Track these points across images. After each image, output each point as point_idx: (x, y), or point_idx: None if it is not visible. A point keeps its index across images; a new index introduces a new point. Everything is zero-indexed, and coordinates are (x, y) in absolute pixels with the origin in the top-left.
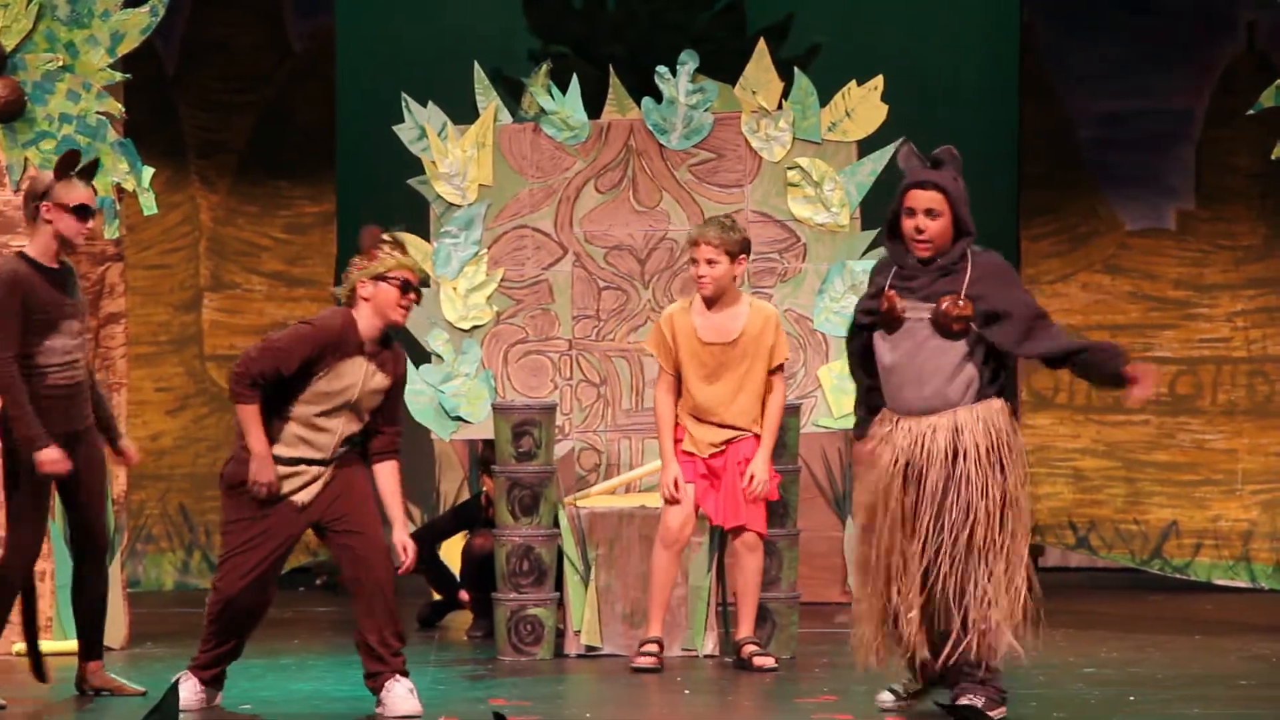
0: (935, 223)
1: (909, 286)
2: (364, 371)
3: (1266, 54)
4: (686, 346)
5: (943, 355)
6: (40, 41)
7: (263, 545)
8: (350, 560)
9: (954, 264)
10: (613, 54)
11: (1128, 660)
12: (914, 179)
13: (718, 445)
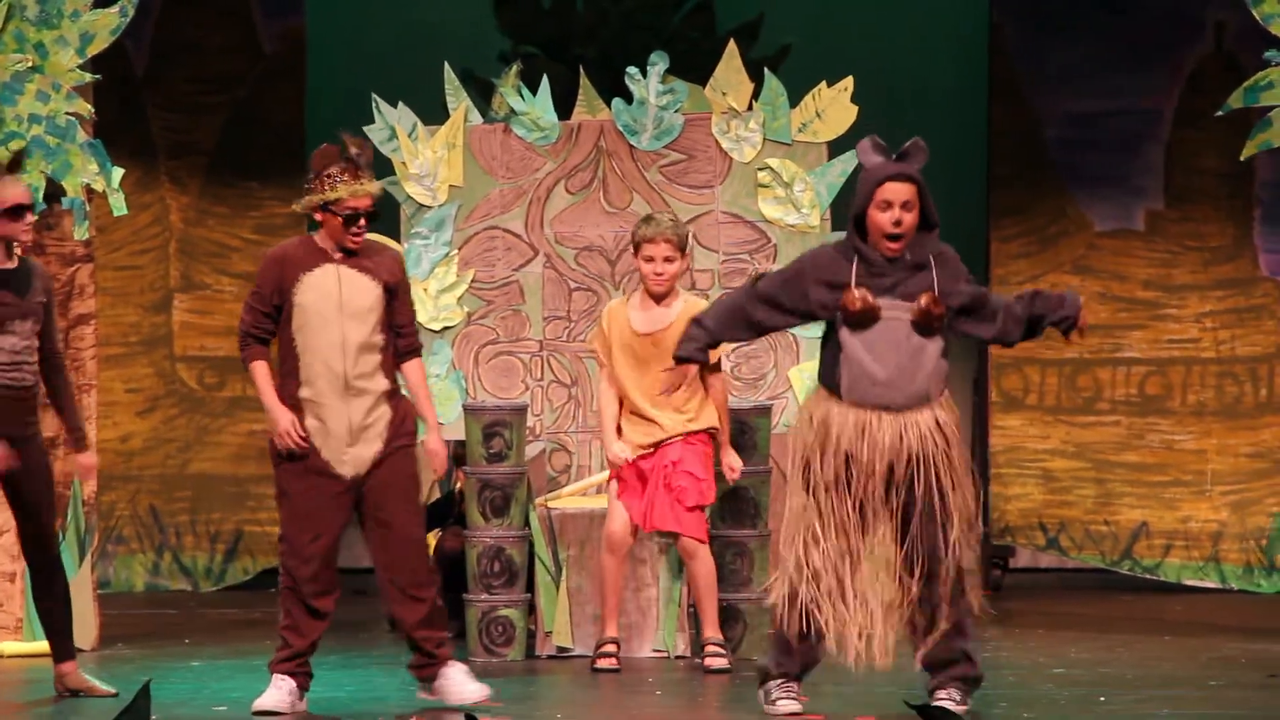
0: (910, 215)
1: (880, 284)
2: (336, 277)
3: (1234, 55)
4: (619, 338)
5: (923, 353)
6: (9, 42)
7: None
8: (378, 550)
9: (925, 260)
10: (583, 55)
11: (1098, 661)
12: (890, 171)
13: (646, 447)
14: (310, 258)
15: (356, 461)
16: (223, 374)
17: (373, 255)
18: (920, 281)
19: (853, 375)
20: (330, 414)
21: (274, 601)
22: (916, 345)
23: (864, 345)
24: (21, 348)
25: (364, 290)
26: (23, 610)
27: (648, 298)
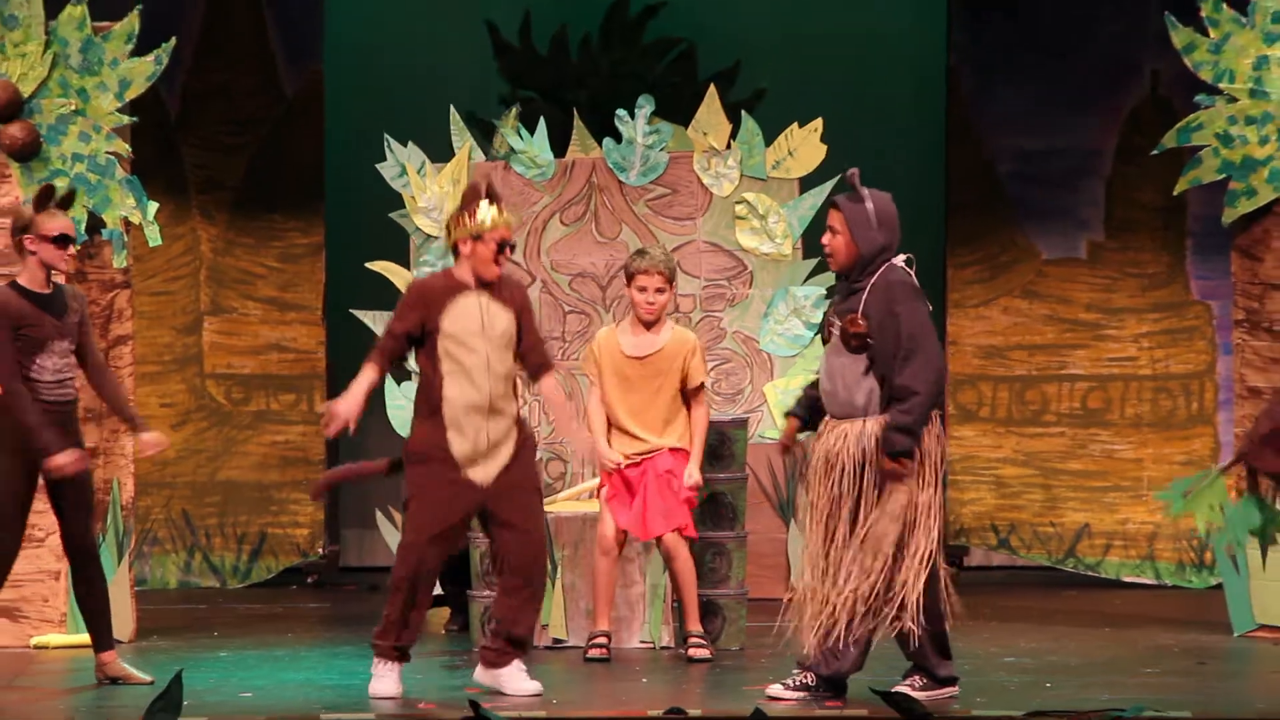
0: (834, 239)
1: (836, 304)
2: (479, 305)
3: (1168, 99)
4: (610, 361)
5: (849, 368)
6: (55, 88)
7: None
8: (507, 551)
9: (858, 284)
10: (576, 99)
11: (1044, 650)
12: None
13: (632, 458)
14: (451, 289)
15: (486, 473)
16: (248, 390)
17: (506, 286)
18: (852, 304)
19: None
20: (470, 429)
21: (294, 597)
22: (845, 361)
23: (824, 357)
24: (62, 365)
25: (499, 316)
26: (66, 606)
27: (639, 324)
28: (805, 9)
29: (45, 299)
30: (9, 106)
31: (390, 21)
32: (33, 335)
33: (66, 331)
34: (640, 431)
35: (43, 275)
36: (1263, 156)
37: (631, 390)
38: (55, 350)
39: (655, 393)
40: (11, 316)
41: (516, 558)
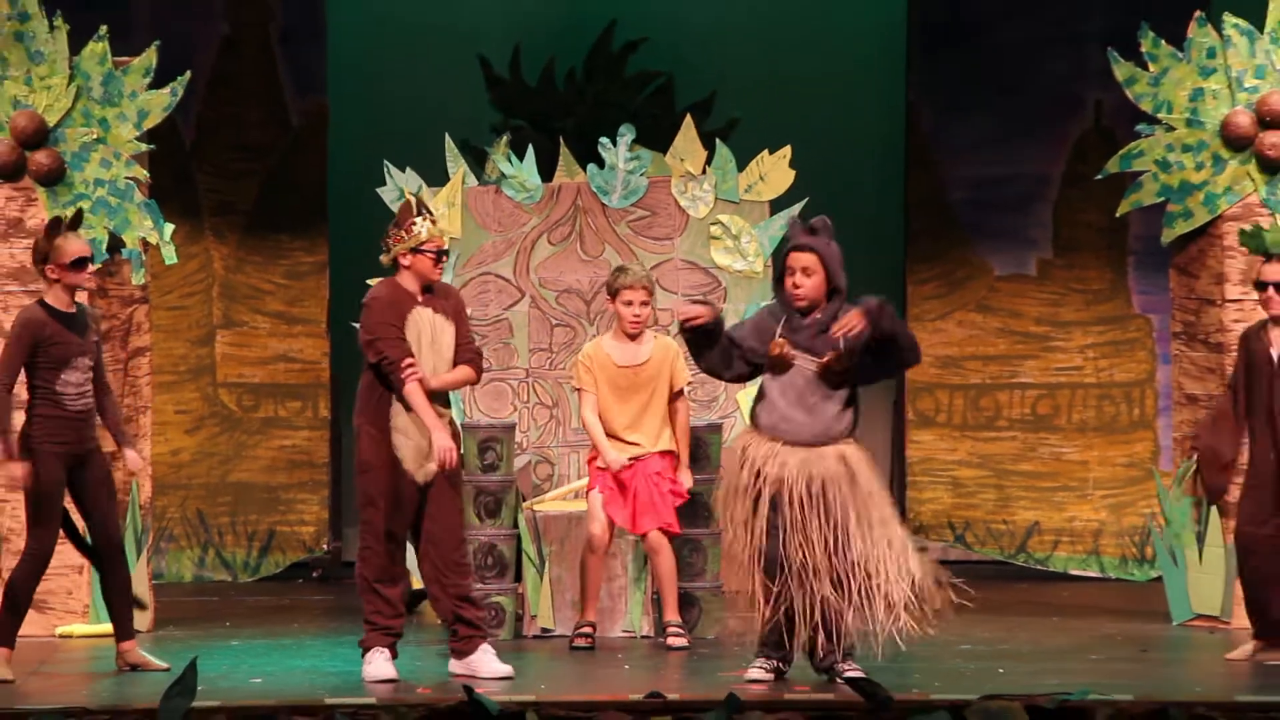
0: (810, 280)
1: (795, 338)
2: (429, 319)
3: (1110, 129)
4: (603, 372)
5: (827, 401)
6: (78, 118)
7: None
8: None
9: (830, 321)
10: (563, 127)
11: (998, 639)
12: (794, 243)
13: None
14: (406, 301)
15: (426, 473)
16: (258, 398)
17: (444, 296)
18: (826, 341)
19: (770, 413)
20: (415, 434)
21: (300, 590)
22: (821, 394)
23: (779, 389)
24: (83, 380)
25: (444, 329)
26: (89, 597)
27: (623, 336)
28: (776, 47)
29: (69, 318)
30: (36, 135)
31: (389, 57)
32: (57, 353)
33: (87, 349)
34: (635, 438)
35: (67, 296)
36: (1198, 181)
37: (626, 400)
38: (78, 366)
39: (649, 400)
40: (36, 334)
41: (437, 550)
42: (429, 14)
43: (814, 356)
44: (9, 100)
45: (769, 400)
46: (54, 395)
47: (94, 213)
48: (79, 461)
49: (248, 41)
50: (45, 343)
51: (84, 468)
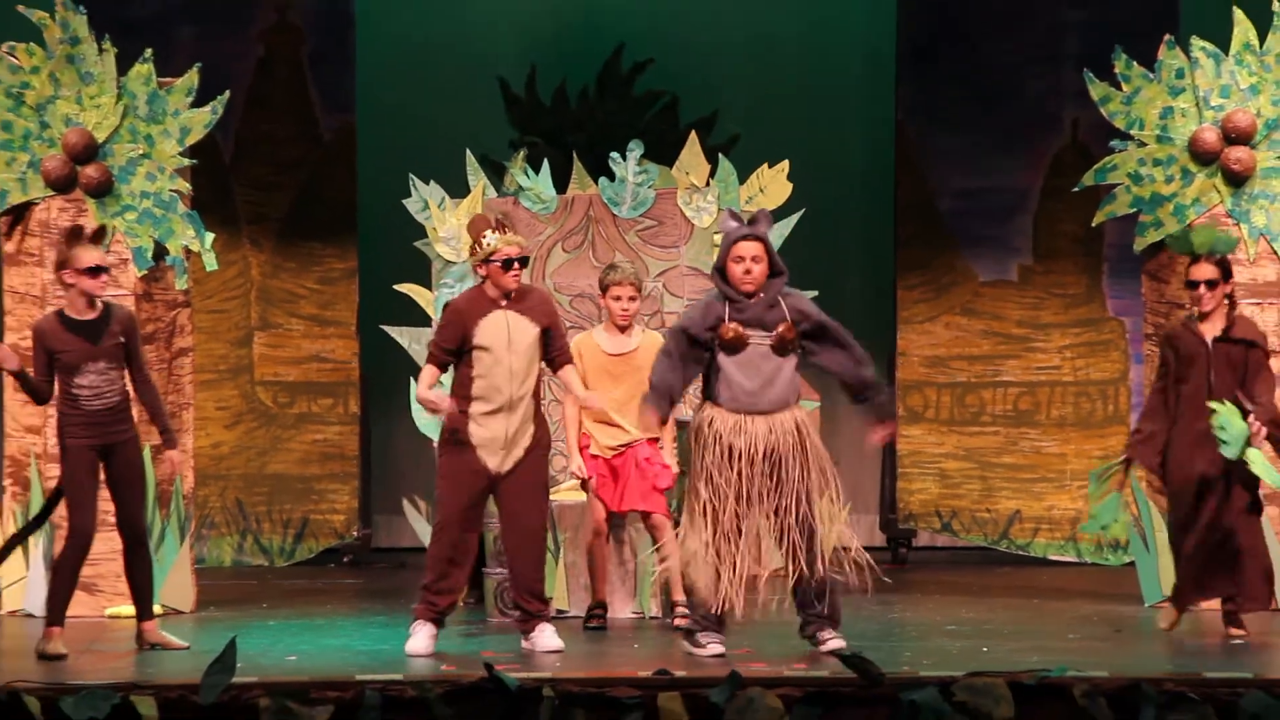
0: (758, 266)
1: (743, 319)
2: (506, 321)
3: (1086, 145)
4: (593, 360)
5: (780, 369)
6: (125, 134)
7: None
8: (506, 533)
9: (773, 300)
10: (576, 143)
11: (982, 620)
12: (740, 234)
13: (616, 448)
14: (482, 306)
15: (500, 462)
16: (293, 395)
17: (531, 301)
18: (774, 315)
19: (730, 388)
20: (491, 424)
21: (332, 574)
22: (775, 364)
23: (736, 365)
24: (99, 382)
25: (525, 330)
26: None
27: (614, 328)
28: (773, 68)
29: (83, 325)
30: (86, 150)
31: (413, 78)
32: (66, 360)
33: (100, 354)
34: (625, 423)
35: (83, 302)
36: (1168, 193)
37: (614, 383)
38: (91, 370)
39: (637, 386)
40: (44, 343)
41: (511, 534)
42: (450, 38)
43: (765, 331)
44: (61, 118)
45: (726, 376)
46: (71, 396)
47: (140, 222)
48: (108, 452)
49: (281, 64)
50: (54, 351)
51: (112, 458)
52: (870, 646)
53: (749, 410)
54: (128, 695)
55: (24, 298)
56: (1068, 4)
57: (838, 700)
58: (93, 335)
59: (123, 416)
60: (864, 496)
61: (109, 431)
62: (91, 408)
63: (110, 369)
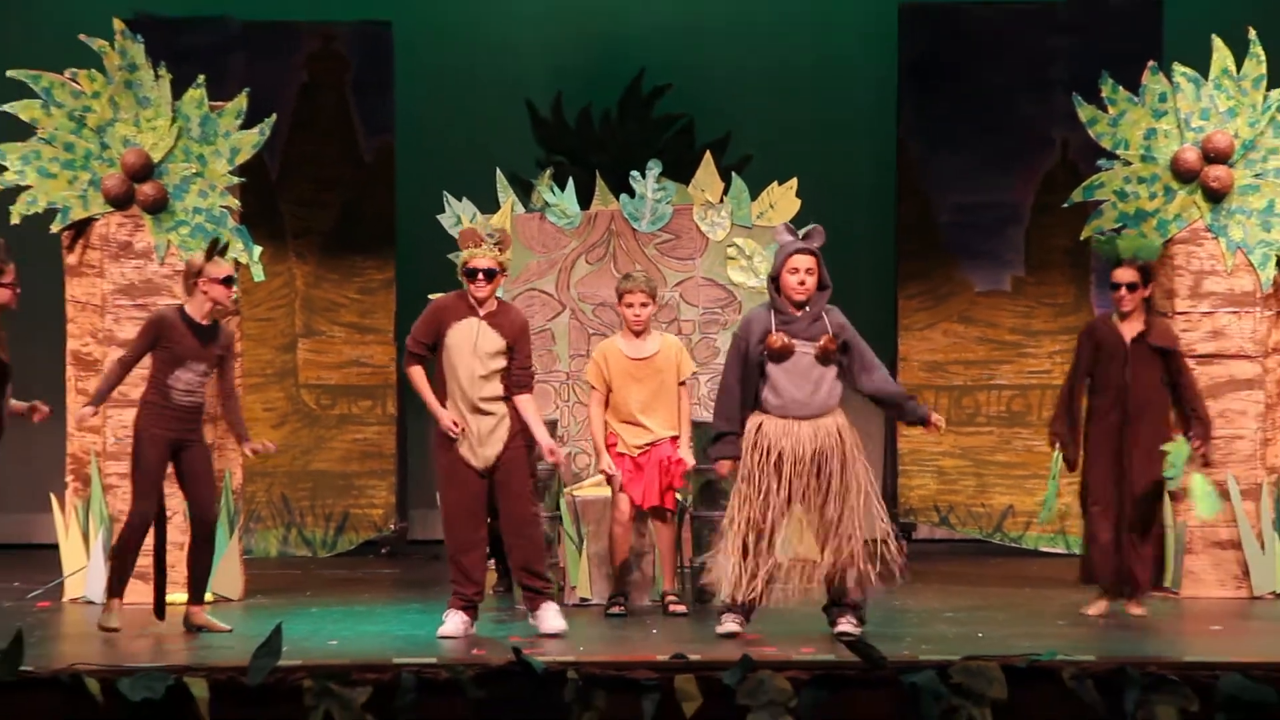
0: (812, 278)
1: (790, 329)
2: (476, 329)
3: (1075, 164)
4: (617, 365)
5: (825, 376)
6: (179, 154)
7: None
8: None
9: (818, 313)
10: (598, 162)
11: (977, 607)
12: (798, 247)
13: (641, 446)
14: (456, 311)
15: (482, 456)
16: (334, 397)
17: (505, 316)
18: (819, 327)
19: (778, 395)
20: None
21: (370, 565)
22: (820, 372)
23: (783, 372)
24: (194, 381)
25: (490, 340)
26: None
27: (630, 334)
28: (784, 93)
29: (200, 328)
30: (143, 170)
31: (448, 102)
32: (176, 350)
33: (205, 357)
34: (649, 423)
35: (206, 310)
36: (1151, 209)
37: (638, 386)
38: (192, 369)
39: (658, 388)
40: (160, 328)
41: (505, 524)
42: (482, 65)
43: (811, 341)
44: (120, 139)
45: (774, 383)
46: (164, 387)
47: (193, 236)
48: (180, 447)
49: (325, 89)
50: (165, 338)
51: (184, 454)
52: (873, 632)
53: (796, 415)
54: (181, 677)
55: (85, 306)
56: (1057, 32)
57: (843, 682)
58: (204, 339)
59: (199, 418)
60: None
61: (185, 429)
62: (179, 403)
63: (206, 374)
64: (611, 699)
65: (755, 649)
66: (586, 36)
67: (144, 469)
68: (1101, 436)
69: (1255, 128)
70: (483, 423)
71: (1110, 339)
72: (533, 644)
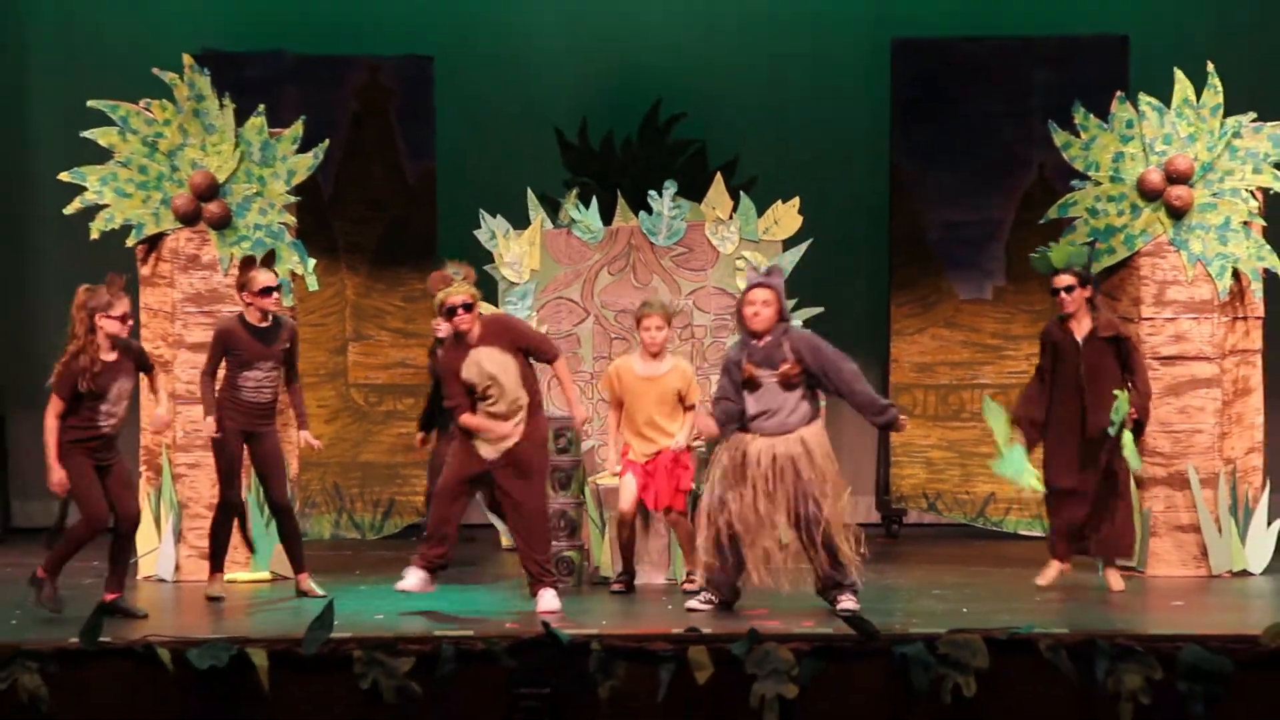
0: (766, 309)
1: (754, 359)
2: (478, 356)
3: (1051, 183)
4: (629, 384)
5: (787, 400)
6: (242, 176)
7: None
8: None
9: (779, 341)
10: (620, 183)
11: (962, 584)
12: (755, 282)
13: (649, 454)
14: (461, 351)
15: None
16: (381, 395)
17: (493, 333)
18: (779, 354)
19: (749, 417)
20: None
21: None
22: (783, 397)
23: (754, 400)
24: (262, 378)
25: (494, 359)
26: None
27: (646, 355)
28: (787, 120)
29: (259, 330)
30: (208, 189)
31: (484, 129)
32: (242, 356)
33: (270, 355)
34: (654, 435)
35: (258, 314)
36: (1119, 225)
37: (648, 404)
38: (259, 368)
39: (661, 405)
40: (224, 340)
41: (512, 520)
42: (514, 96)
43: (771, 369)
44: (188, 162)
45: (747, 409)
46: (235, 386)
47: (254, 250)
48: (253, 437)
49: (373, 117)
50: (232, 348)
51: (256, 443)
52: (867, 608)
53: (759, 433)
54: (243, 648)
55: (157, 313)
56: (1036, 65)
57: (840, 653)
58: (266, 339)
59: (270, 411)
60: (863, 481)
61: (257, 421)
62: (249, 399)
63: (275, 369)
64: (631, 668)
65: (760, 623)
66: (608, 70)
67: (224, 457)
68: (1063, 427)
69: (1213, 151)
70: (502, 426)
71: (1064, 340)
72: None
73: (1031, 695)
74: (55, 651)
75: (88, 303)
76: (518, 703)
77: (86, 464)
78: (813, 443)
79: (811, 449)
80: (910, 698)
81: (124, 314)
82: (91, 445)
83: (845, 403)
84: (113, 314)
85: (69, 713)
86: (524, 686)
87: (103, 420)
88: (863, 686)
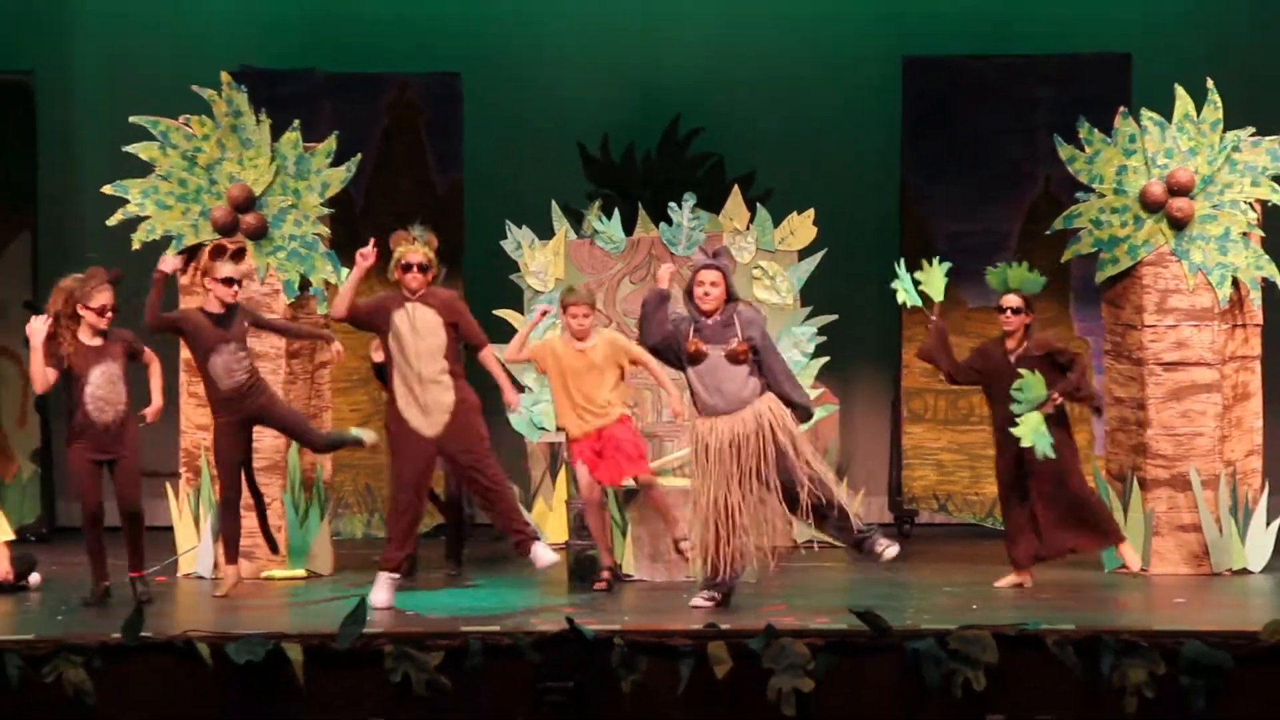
0: (716, 290)
1: (703, 335)
2: (414, 309)
3: (1057, 196)
4: (563, 353)
5: (735, 376)
6: (277, 189)
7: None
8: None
9: (729, 319)
10: (641, 195)
11: (972, 582)
12: (704, 263)
13: (589, 433)
14: (391, 304)
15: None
16: None
17: (439, 299)
18: (728, 332)
19: (697, 398)
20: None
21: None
22: (730, 372)
23: (697, 376)
24: (230, 361)
25: (428, 322)
26: (285, 549)
27: (573, 340)
28: (801, 134)
29: (216, 316)
30: (246, 202)
31: (509, 143)
32: (203, 344)
33: (230, 338)
34: (590, 407)
35: (216, 303)
36: (1123, 235)
37: (581, 375)
38: (223, 351)
39: (591, 374)
40: (185, 320)
41: (473, 487)
42: (539, 111)
43: (720, 345)
44: (226, 175)
45: (693, 388)
46: (211, 382)
47: (289, 260)
48: (254, 419)
49: (403, 132)
50: (188, 333)
51: (266, 417)
52: (880, 604)
53: (715, 414)
54: (279, 643)
55: None
56: (1041, 83)
57: (854, 649)
58: (224, 323)
59: (255, 389)
60: (876, 482)
61: (246, 405)
62: (226, 386)
63: (241, 349)
64: (652, 662)
65: (777, 619)
66: (629, 86)
67: (220, 458)
68: (1005, 440)
69: (1213, 165)
70: (430, 396)
71: (996, 357)
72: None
73: (1039, 689)
74: (99, 646)
75: (70, 288)
76: (543, 696)
77: (87, 458)
78: (771, 413)
79: (772, 418)
80: (922, 691)
81: (101, 306)
82: (92, 437)
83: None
84: (90, 305)
85: (112, 706)
86: (549, 680)
87: (91, 405)
88: (876, 680)
